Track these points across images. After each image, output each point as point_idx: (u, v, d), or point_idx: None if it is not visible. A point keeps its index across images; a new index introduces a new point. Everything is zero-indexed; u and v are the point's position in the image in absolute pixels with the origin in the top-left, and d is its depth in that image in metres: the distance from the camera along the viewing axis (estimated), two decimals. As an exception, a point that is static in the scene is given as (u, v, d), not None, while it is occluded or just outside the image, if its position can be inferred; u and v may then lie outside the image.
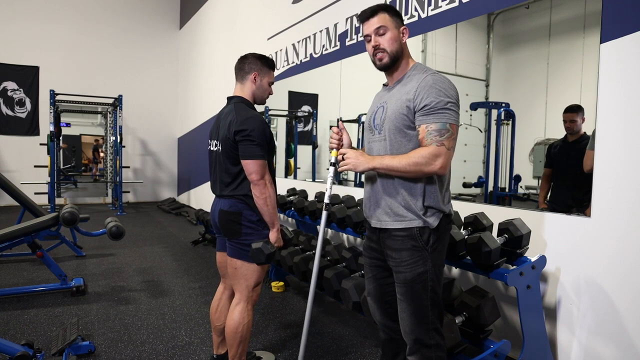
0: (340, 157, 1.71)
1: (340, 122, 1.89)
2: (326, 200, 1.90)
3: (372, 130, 1.76)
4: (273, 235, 2.06)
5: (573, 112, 2.45)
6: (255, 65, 2.11)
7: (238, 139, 1.95)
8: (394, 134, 1.65)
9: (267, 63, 2.13)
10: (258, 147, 1.96)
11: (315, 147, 5.18)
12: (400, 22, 1.71)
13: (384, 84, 1.83)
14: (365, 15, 1.71)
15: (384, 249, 1.74)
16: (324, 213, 1.92)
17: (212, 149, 2.16)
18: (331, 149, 1.87)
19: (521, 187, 2.92)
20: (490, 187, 3.04)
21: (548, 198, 2.65)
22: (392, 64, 1.71)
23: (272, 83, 2.18)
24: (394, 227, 1.67)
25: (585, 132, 2.39)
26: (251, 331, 2.15)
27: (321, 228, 1.93)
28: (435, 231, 1.65)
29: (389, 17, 1.68)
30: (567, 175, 2.56)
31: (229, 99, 2.14)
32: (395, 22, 1.69)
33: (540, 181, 2.75)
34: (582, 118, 2.39)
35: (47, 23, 8.77)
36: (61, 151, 8.69)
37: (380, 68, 1.74)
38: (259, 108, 5.86)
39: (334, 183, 1.90)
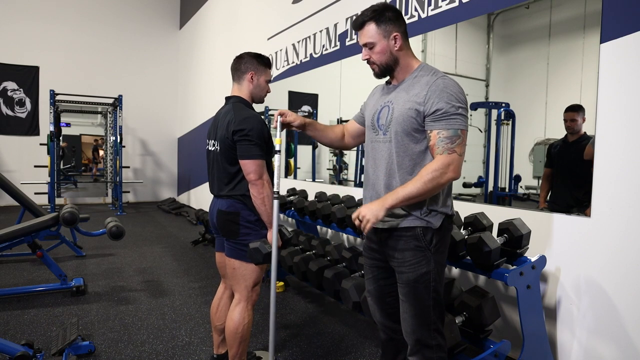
0: (357, 222, 1.59)
1: (279, 118, 1.90)
2: (275, 188, 1.93)
3: (376, 130, 1.73)
4: (271, 236, 2.06)
5: (574, 111, 2.45)
6: (251, 64, 2.10)
7: (236, 138, 1.95)
8: (402, 136, 1.63)
9: (262, 61, 2.13)
10: (256, 147, 1.95)
11: (315, 147, 5.18)
12: (391, 29, 1.63)
13: (386, 82, 1.79)
14: (355, 27, 1.70)
15: (386, 250, 1.73)
16: (276, 202, 1.94)
17: (210, 148, 2.15)
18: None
19: (521, 187, 2.92)
20: (490, 187, 3.04)
21: (548, 198, 2.65)
22: (384, 74, 1.71)
23: (269, 81, 2.18)
24: (397, 227, 1.66)
25: (585, 132, 2.39)
26: (251, 331, 2.15)
27: (274, 218, 1.95)
28: (438, 231, 1.64)
29: (375, 29, 1.64)
30: (568, 175, 2.56)
31: (227, 98, 2.14)
32: (385, 31, 1.63)
33: (540, 181, 2.75)
34: (582, 118, 2.39)
35: (47, 23, 8.77)
36: (61, 151, 8.67)
37: (375, 77, 1.75)
38: (259, 108, 5.87)
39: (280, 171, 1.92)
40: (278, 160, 1.92)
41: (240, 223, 2.02)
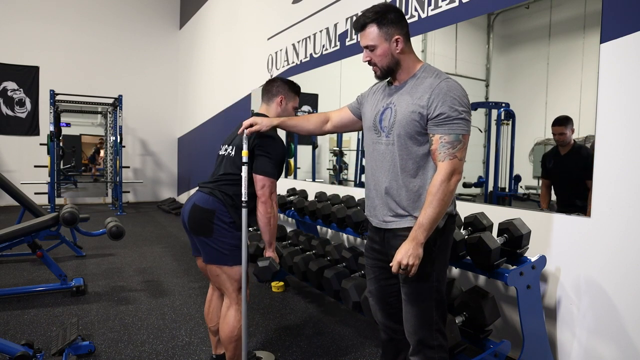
0: (401, 272, 1.57)
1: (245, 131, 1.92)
2: (244, 197, 1.94)
3: (378, 132, 1.71)
4: (270, 254, 2.06)
5: (561, 125, 2.44)
6: (282, 89, 2.16)
7: (256, 152, 1.98)
8: (404, 140, 1.62)
9: (294, 89, 2.20)
10: (274, 166, 1.98)
11: (315, 147, 5.18)
12: (393, 31, 1.61)
13: (388, 82, 1.77)
14: (356, 28, 1.69)
15: (388, 250, 1.72)
16: (244, 210, 1.97)
17: (221, 152, 2.17)
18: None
19: (521, 187, 2.92)
20: (490, 187, 3.04)
21: (554, 206, 2.63)
22: (386, 76, 1.70)
23: (297, 109, 2.23)
24: (400, 227, 1.66)
25: (575, 141, 2.39)
26: (250, 330, 2.15)
27: (244, 224, 1.95)
28: (441, 231, 1.64)
29: (377, 31, 1.61)
30: (567, 187, 2.55)
31: (255, 114, 2.17)
32: (386, 34, 1.61)
33: (540, 185, 2.75)
34: (571, 129, 2.39)
35: (47, 23, 8.76)
36: (61, 151, 8.66)
37: (377, 79, 1.75)
38: (259, 106, 5.86)
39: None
40: (245, 172, 1.93)
41: (214, 222, 1.98)
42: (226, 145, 2.15)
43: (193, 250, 2.19)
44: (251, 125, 1.92)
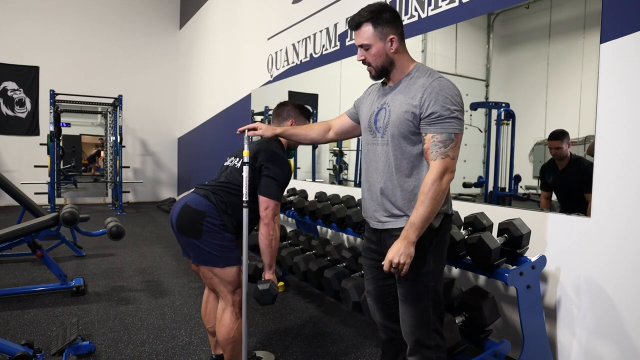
0: (393, 270, 1.57)
1: (246, 132, 1.93)
2: (244, 197, 1.93)
3: (374, 132, 1.72)
4: (269, 276, 2.05)
5: (557, 139, 2.44)
6: (293, 113, 2.22)
7: (264, 172, 1.98)
8: (398, 140, 1.63)
9: (304, 113, 2.25)
10: (279, 189, 1.99)
11: (315, 147, 5.18)
12: (388, 31, 1.62)
13: (382, 82, 1.79)
14: (351, 27, 1.70)
15: (385, 250, 1.72)
16: (245, 210, 1.97)
17: (226, 164, 2.18)
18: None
19: (521, 187, 2.91)
20: (490, 187, 3.03)
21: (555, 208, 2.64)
22: (381, 76, 1.71)
23: None
24: (396, 227, 1.66)
25: (572, 154, 2.40)
26: (250, 330, 2.15)
27: (245, 225, 1.96)
28: (437, 231, 1.64)
29: (372, 30, 1.62)
30: (568, 200, 2.54)
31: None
32: (381, 33, 1.62)
33: (539, 192, 2.75)
34: (567, 143, 2.39)
35: (47, 23, 8.76)
36: (61, 151, 8.64)
37: (372, 79, 1.75)
38: (259, 107, 5.86)
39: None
40: (246, 172, 1.93)
41: (203, 224, 1.95)
42: (232, 157, 2.16)
43: (183, 251, 2.17)
44: (254, 129, 1.93)
